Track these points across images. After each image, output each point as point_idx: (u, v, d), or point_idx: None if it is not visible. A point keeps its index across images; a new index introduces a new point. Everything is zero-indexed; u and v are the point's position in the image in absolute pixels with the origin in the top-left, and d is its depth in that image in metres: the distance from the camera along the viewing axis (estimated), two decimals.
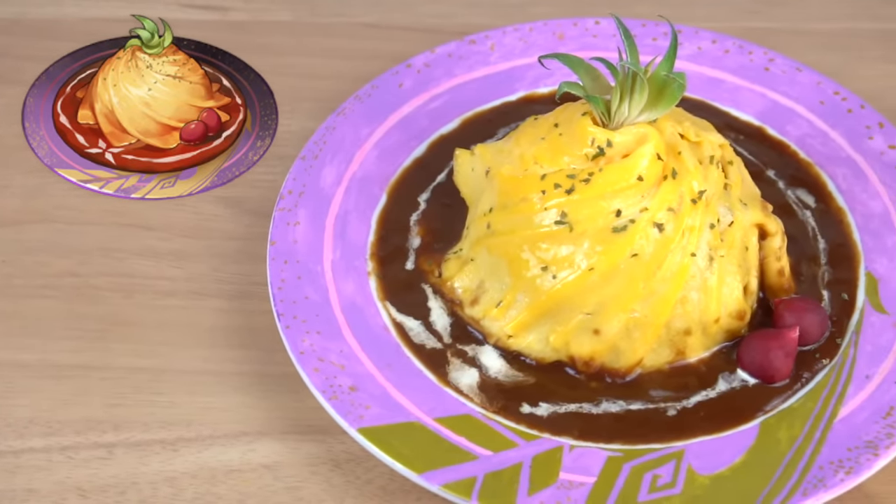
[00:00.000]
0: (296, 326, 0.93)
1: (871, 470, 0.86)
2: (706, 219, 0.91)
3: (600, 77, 0.93)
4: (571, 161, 0.92)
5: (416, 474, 0.86)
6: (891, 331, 0.93)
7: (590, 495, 0.85)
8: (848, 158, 1.04)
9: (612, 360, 0.92)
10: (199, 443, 0.92)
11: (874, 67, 1.16)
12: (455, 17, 1.22)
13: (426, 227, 1.01)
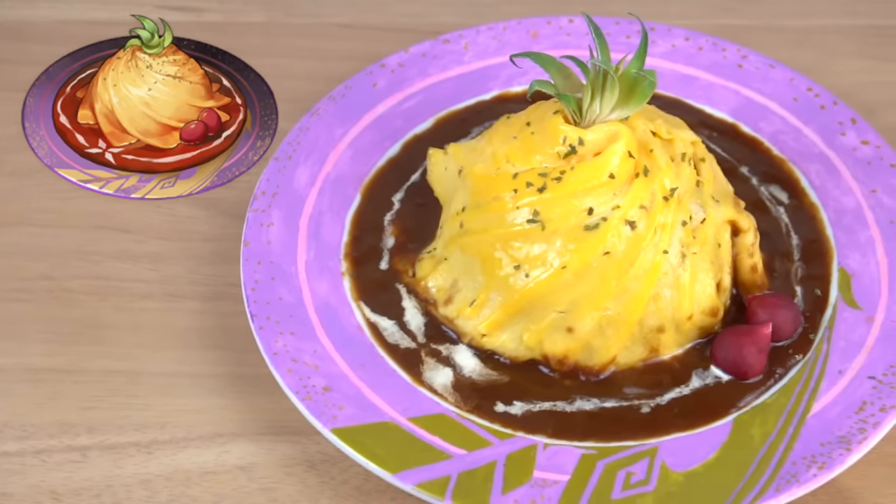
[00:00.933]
0: (269, 327, 0.93)
1: (843, 465, 0.86)
2: (678, 216, 0.91)
3: (572, 75, 0.93)
4: (543, 159, 0.92)
5: (390, 474, 0.86)
6: (863, 326, 0.93)
7: (563, 493, 0.85)
8: (821, 154, 1.04)
9: (586, 357, 0.92)
10: (173, 445, 0.92)
11: (847, 64, 1.16)
12: (429, 16, 1.23)
13: (400, 226, 1.01)
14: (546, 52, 1.07)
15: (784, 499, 0.85)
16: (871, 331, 0.93)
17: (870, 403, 0.89)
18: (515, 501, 0.85)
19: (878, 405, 0.88)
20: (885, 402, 0.89)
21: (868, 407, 0.89)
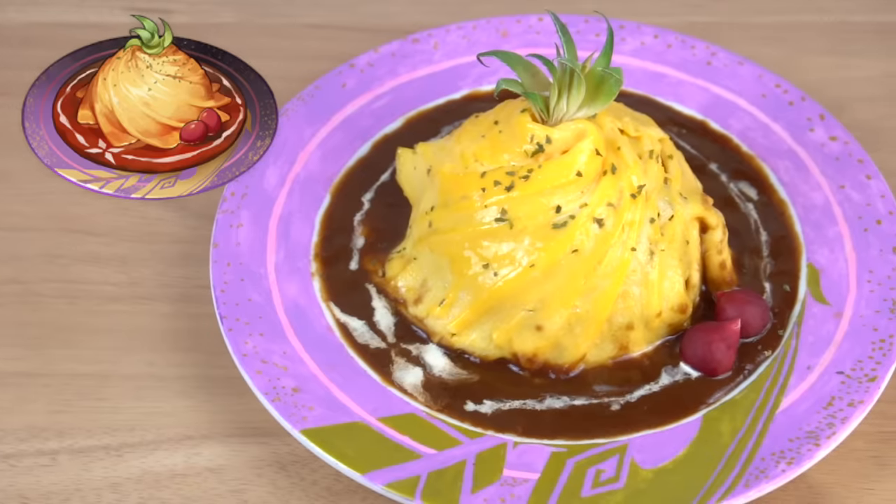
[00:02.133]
0: (238, 329, 0.93)
1: (812, 460, 0.86)
2: (646, 213, 0.91)
3: (539, 74, 0.93)
4: (511, 158, 0.92)
5: (360, 474, 0.86)
6: (832, 321, 0.93)
7: (533, 491, 0.85)
8: (790, 151, 1.04)
9: (556, 356, 0.92)
10: (143, 448, 0.92)
11: (816, 60, 1.17)
12: (399, 16, 1.22)
13: (370, 226, 1.00)
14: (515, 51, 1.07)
15: (753, 494, 0.85)
16: (839, 326, 0.93)
17: (838, 398, 0.89)
18: (485, 500, 0.85)
19: (847, 400, 0.89)
20: (854, 397, 0.89)
21: (836, 402, 0.89)
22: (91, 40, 1.18)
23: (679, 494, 0.85)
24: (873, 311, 0.93)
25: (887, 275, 0.95)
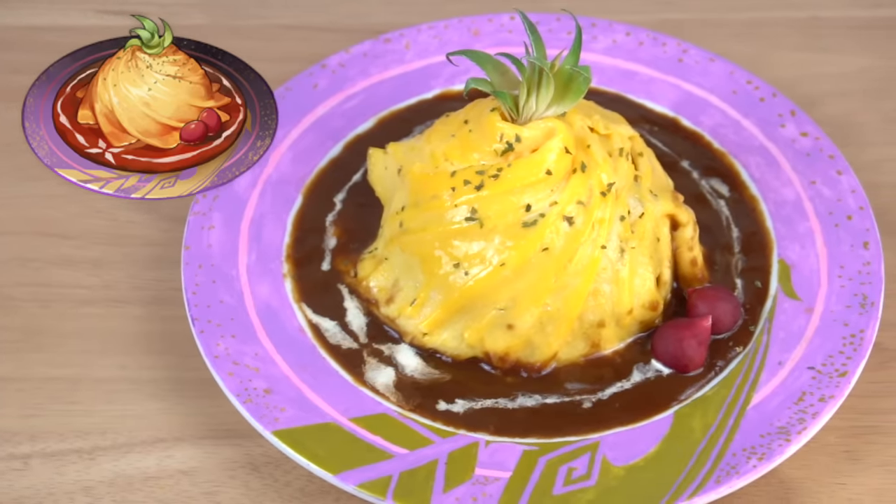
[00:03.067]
0: (210, 331, 0.92)
1: (783, 455, 0.86)
2: (616, 211, 0.91)
3: (508, 72, 0.93)
4: (481, 157, 0.92)
5: (332, 475, 0.85)
6: (803, 317, 0.94)
7: (505, 490, 0.85)
8: (761, 147, 1.04)
9: (527, 354, 0.92)
10: (115, 451, 0.92)
11: (787, 56, 1.17)
12: (372, 16, 1.22)
13: (342, 227, 1.00)
14: (486, 50, 1.08)
15: (724, 490, 0.85)
16: (810, 321, 0.93)
17: (809, 394, 0.89)
18: (457, 499, 0.85)
19: (818, 395, 0.89)
20: (825, 391, 0.89)
21: (807, 397, 0.89)
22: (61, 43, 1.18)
23: (650, 491, 0.85)
24: (844, 307, 0.94)
25: (858, 270, 0.95)
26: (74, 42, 1.18)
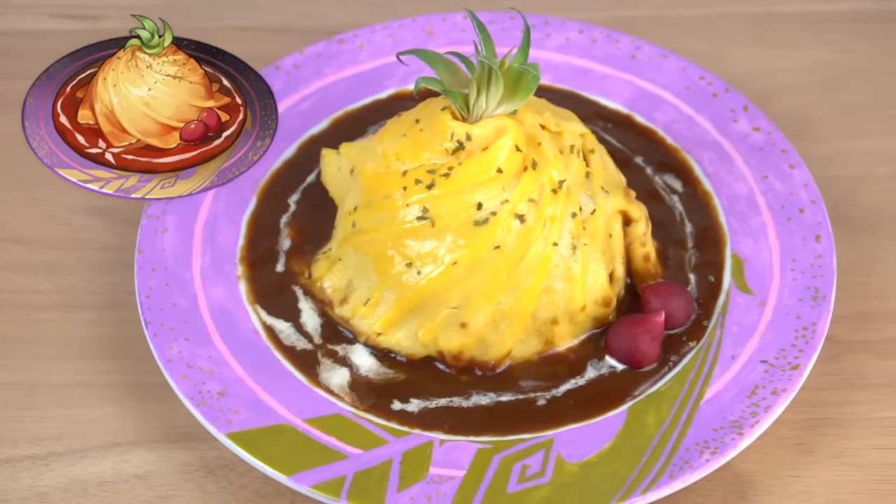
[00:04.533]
0: (164, 334, 0.92)
1: (735, 449, 0.86)
2: (567, 208, 0.91)
3: (460, 71, 0.93)
4: (432, 156, 0.92)
5: (286, 476, 0.85)
6: (756, 311, 0.94)
7: (459, 488, 0.85)
8: (714, 142, 1.05)
9: (481, 352, 0.92)
10: (70, 456, 0.92)
11: (741, 51, 1.17)
12: (327, 16, 1.22)
13: (296, 228, 1.00)
14: (440, 49, 1.07)
15: (678, 485, 0.85)
16: (763, 315, 0.94)
17: (762, 387, 0.89)
18: (411, 499, 0.85)
19: (770, 388, 0.89)
20: (777, 385, 0.89)
21: (760, 391, 0.89)
22: (14, 48, 1.18)
23: (604, 487, 0.85)
24: (796, 300, 0.94)
25: (810, 263, 0.96)
26: (30, 47, 1.18)
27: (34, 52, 1.17)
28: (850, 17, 1.19)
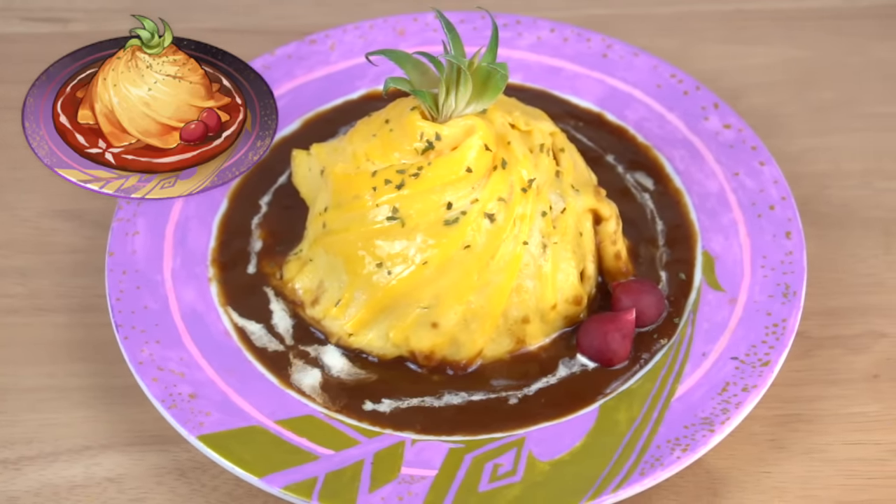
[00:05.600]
0: (134, 337, 0.92)
1: (706, 446, 0.87)
2: (537, 207, 0.92)
3: (429, 71, 0.93)
4: (402, 156, 0.92)
5: (257, 478, 0.85)
6: (726, 308, 0.94)
7: (430, 488, 0.85)
8: (684, 140, 1.05)
9: (453, 352, 0.92)
10: (41, 460, 0.91)
11: (712, 49, 1.18)
12: (299, 17, 1.22)
13: (268, 229, 1.00)
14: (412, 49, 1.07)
15: (649, 482, 0.85)
16: (733, 312, 0.94)
17: (732, 384, 0.90)
18: (382, 499, 0.85)
19: (741, 385, 0.89)
20: (748, 381, 0.90)
21: (731, 387, 0.90)
22: None
23: (576, 485, 0.85)
24: (767, 296, 0.94)
25: (780, 259, 0.96)
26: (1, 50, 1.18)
27: (5, 55, 1.17)
28: (820, 14, 1.20)
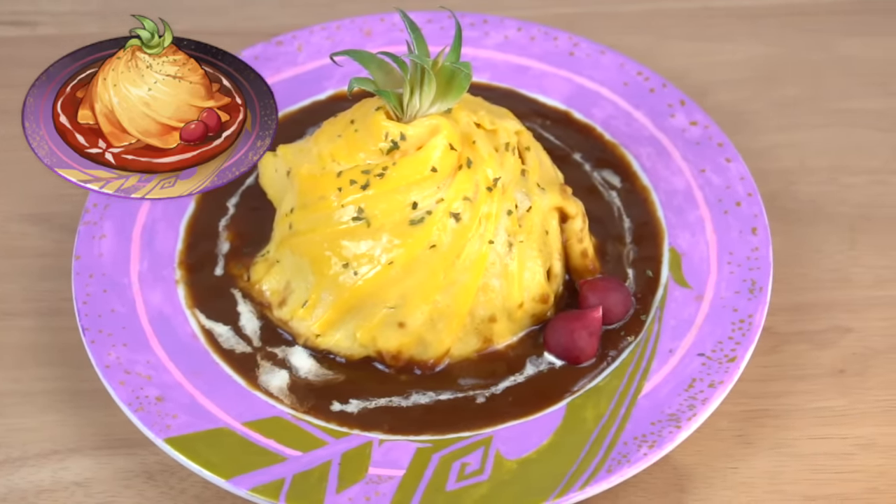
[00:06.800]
0: (101, 340, 0.92)
1: (673, 442, 0.87)
2: (503, 205, 0.92)
3: (394, 71, 0.93)
4: (367, 157, 0.92)
5: (224, 480, 0.85)
6: (693, 304, 0.94)
7: (398, 488, 0.85)
8: (651, 137, 1.05)
9: (420, 352, 0.92)
10: (8, 465, 0.91)
11: (679, 46, 1.18)
12: (268, 18, 1.22)
13: (235, 231, 1.00)
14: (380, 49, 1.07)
15: (616, 479, 0.86)
16: (700, 309, 0.94)
17: (699, 380, 0.90)
18: (350, 499, 0.85)
19: (707, 381, 0.90)
20: (714, 377, 0.90)
21: (697, 384, 0.90)
22: None
23: (543, 483, 0.85)
24: (733, 293, 0.94)
25: (746, 255, 0.96)
26: None
27: None
28: (784, 11, 1.20)
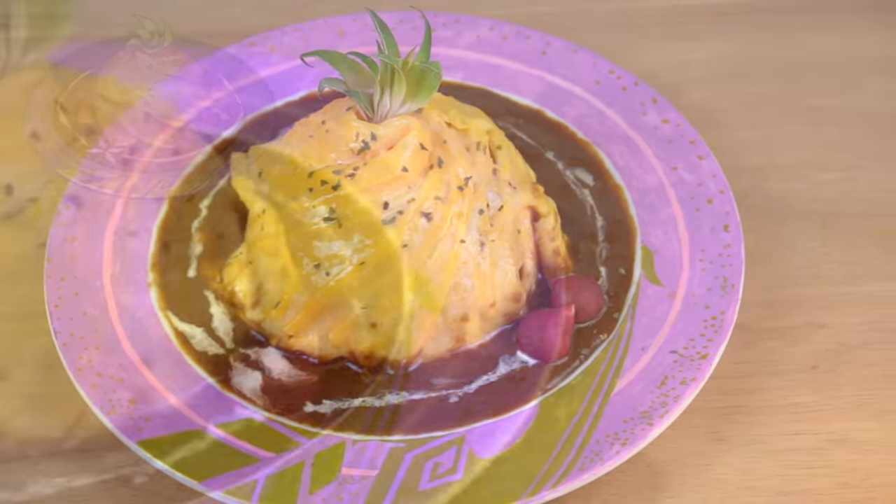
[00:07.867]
0: (73, 343, 0.92)
1: (645, 440, 0.87)
2: (474, 205, 0.92)
3: (364, 71, 0.93)
4: (338, 157, 0.92)
5: (197, 482, 0.85)
6: (665, 302, 0.95)
7: (371, 488, 0.85)
8: (624, 135, 1.05)
9: (393, 352, 0.92)
10: None
11: (650, 45, 1.18)
12: (241, 19, 1.22)
13: (208, 233, 1.00)
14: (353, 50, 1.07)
15: (588, 477, 0.86)
16: (672, 306, 0.94)
17: (671, 377, 0.90)
18: (323, 500, 0.85)
19: (679, 378, 0.90)
20: (686, 374, 0.90)
21: (669, 381, 0.90)
22: None
23: (516, 482, 0.85)
24: (705, 290, 0.95)
25: (718, 252, 0.97)
26: None
27: None
28: (751, 8, 1.20)
